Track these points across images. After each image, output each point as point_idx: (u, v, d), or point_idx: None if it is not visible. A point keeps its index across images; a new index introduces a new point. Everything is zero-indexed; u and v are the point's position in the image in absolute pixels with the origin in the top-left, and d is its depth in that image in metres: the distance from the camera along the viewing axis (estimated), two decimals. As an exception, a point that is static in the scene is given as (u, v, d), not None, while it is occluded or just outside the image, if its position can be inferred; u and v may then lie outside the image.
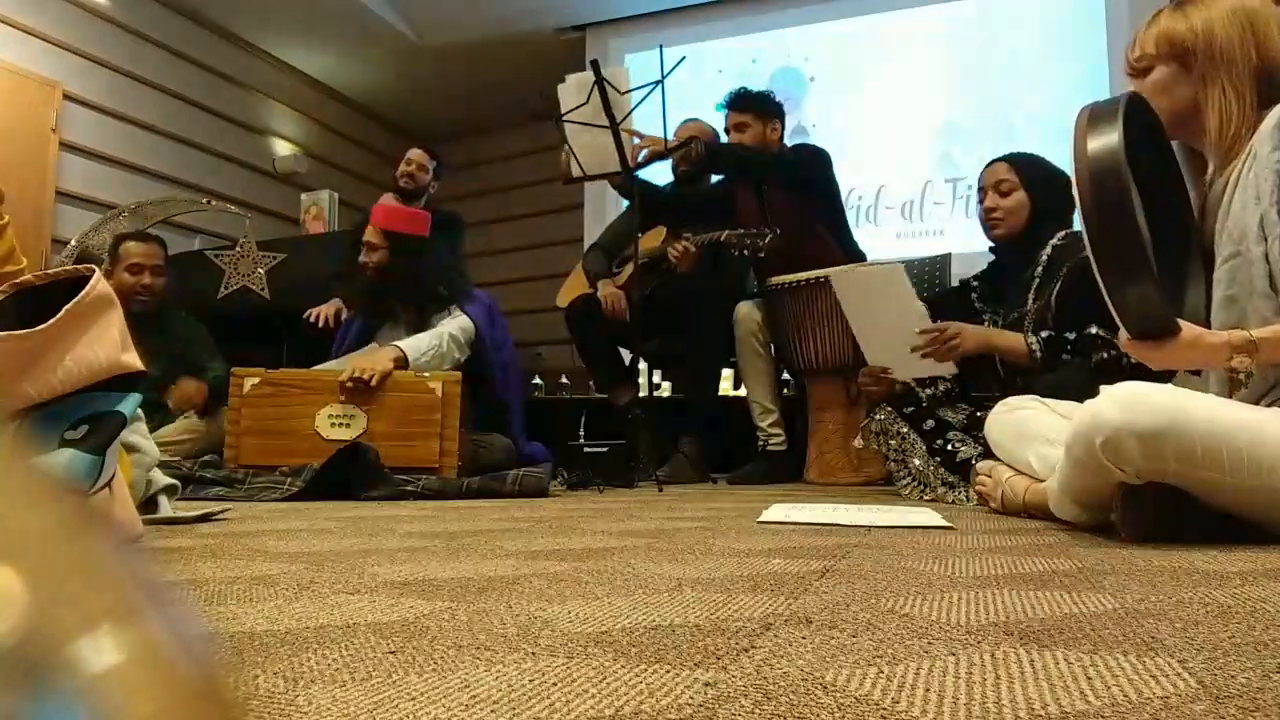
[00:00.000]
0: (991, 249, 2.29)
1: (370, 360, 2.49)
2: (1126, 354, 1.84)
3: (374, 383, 2.41)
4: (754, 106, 3.10)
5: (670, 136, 2.90)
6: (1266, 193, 1.18)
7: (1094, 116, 1.17)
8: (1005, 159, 2.24)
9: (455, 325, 2.69)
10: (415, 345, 2.57)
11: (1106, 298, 1.15)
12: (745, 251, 2.88)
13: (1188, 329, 1.16)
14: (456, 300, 2.78)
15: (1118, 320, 1.17)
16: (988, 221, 2.22)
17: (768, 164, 3.06)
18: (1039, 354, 1.98)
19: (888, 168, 5.17)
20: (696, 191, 3.40)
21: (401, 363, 2.51)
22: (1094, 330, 1.93)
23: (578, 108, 2.75)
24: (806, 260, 2.90)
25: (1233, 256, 1.24)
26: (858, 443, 2.32)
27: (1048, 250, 2.10)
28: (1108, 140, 1.13)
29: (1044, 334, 2.01)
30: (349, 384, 2.41)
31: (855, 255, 3.14)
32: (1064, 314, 1.99)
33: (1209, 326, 1.24)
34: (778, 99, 3.18)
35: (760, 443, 3.03)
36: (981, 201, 2.24)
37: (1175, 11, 1.33)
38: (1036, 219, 2.15)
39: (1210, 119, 1.28)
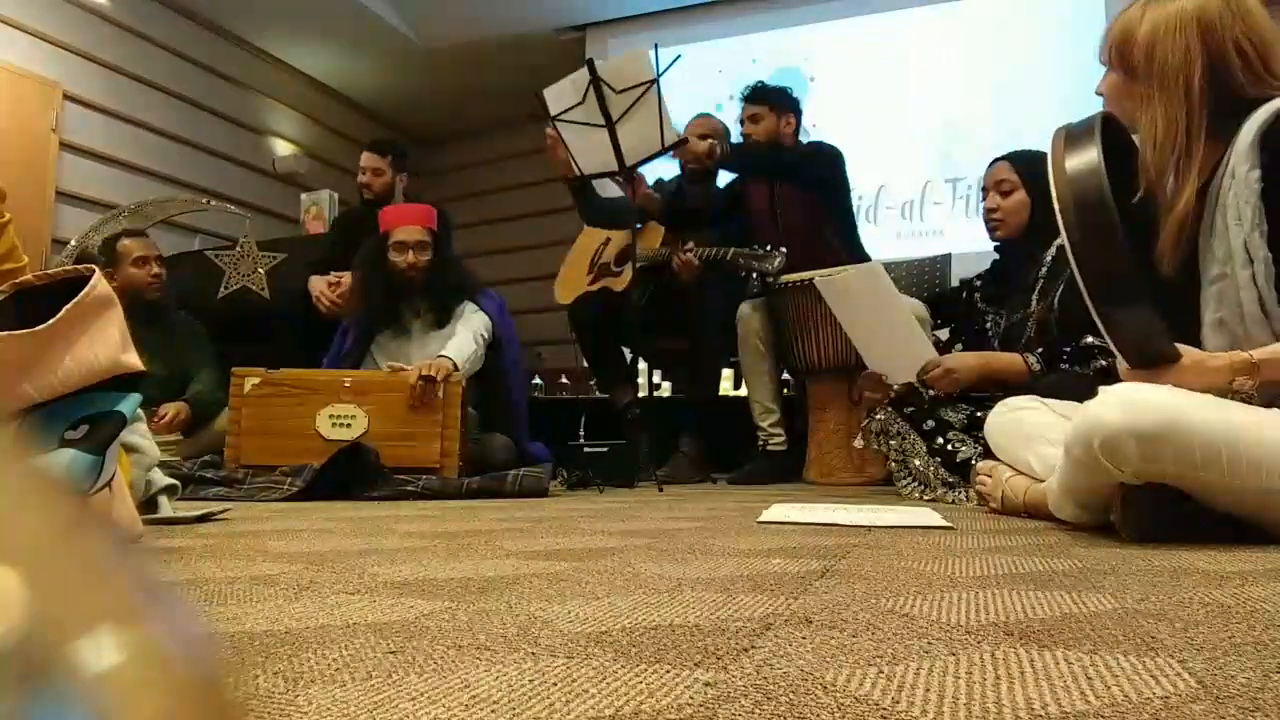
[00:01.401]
0: (996, 249, 2.29)
1: (436, 361, 2.50)
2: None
3: (439, 377, 2.43)
4: (769, 98, 3.12)
5: (680, 131, 2.89)
6: (1248, 216, 1.15)
7: (1070, 136, 1.14)
8: (1007, 158, 2.23)
9: (480, 323, 2.71)
10: (460, 352, 2.58)
11: (1099, 324, 1.12)
12: (753, 275, 2.88)
13: (1188, 353, 1.14)
14: (474, 294, 2.81)
15: (1113, 348, 1.15)
16: (989, 222, 2.21)
17: (792, 164, 3.08)
18: (1039, 369, 1.96)
19: (888, 168, 5.17)
20: (703, 193, 3.39)
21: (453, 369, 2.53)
22: (1090, 340, 1.92)
23: (574, 107, 2.75)
24: (812, 261, 2.90)
25: (1219, 278, 1.21)
26: (858, 443, 2.32)
27: (1052, 251, 2.08)
28: (1088, 159, 1.10)
29: (1039, 350, 2.00)
30: (419, 385, 2.41)
31: (861, 256, 3.14)
32: (1066, 316, 1.98)
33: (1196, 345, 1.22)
34: (794, 95, 3.18)
35: (761, 442, 3.03)
36: (984, 201, 2.24)
37: (1134, 10, 1.29)
38: (1038, 218, 2.13)
39: (1144, 137, 1.26)
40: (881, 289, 2.09)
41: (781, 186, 3.13)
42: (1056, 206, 1.12)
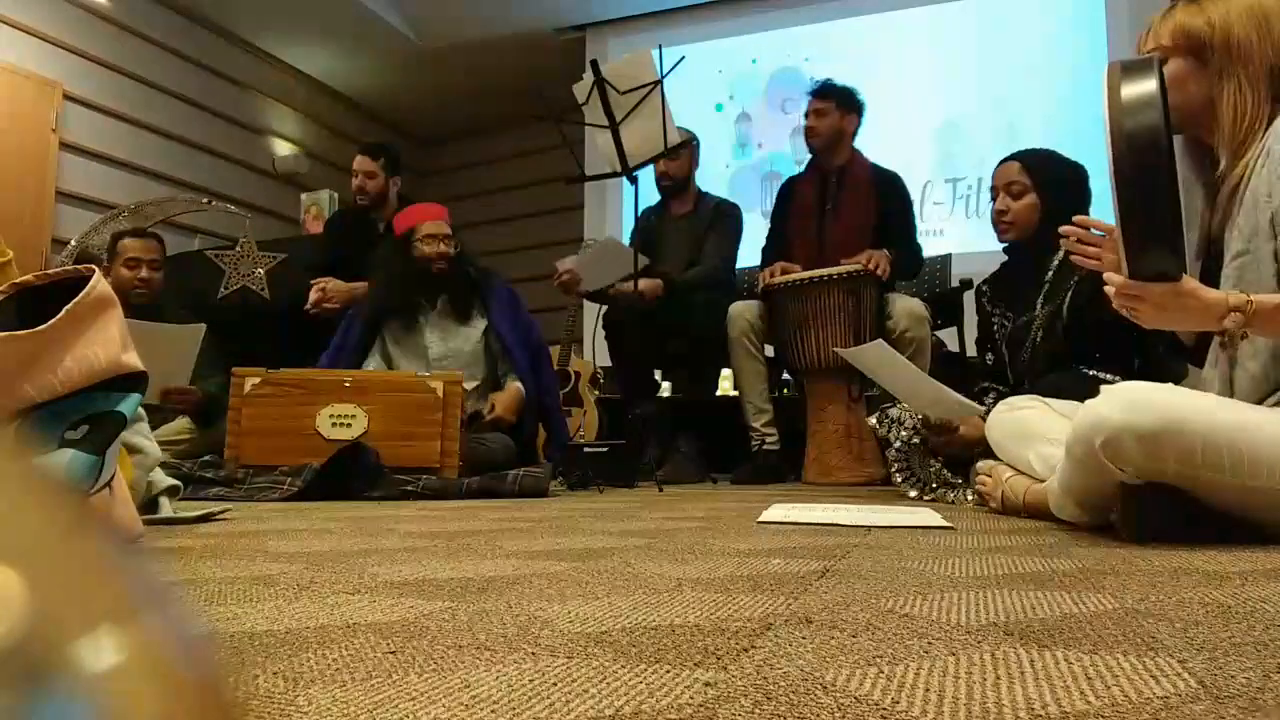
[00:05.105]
0: (1005, 249, 2.25)
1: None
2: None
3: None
4: (835, 95, 3.11)
5: (676, 136, 2.88)
6: (1279, 192, 1.18)
7: (1127, 67, 1.13)
8: (1018, 158, 2.17)
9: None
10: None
11: (1124, 251, 1.13)
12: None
13: (1186, 278, 1.16)
14: (489, 286, 2.90)
15: (1123, 259, 1.16)
16: (998, 224, 2.17)
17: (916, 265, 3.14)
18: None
19: (888, 167, 5.16)
20: (680, 218, 3.42)
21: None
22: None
23: (579, 107, 2.76)
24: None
25: (1242, 254, 1.23)
26: (872, 420, 2.29)
27: (1060, 255, 2.05)
28: (1145, 88, 1.09)
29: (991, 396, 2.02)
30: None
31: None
32: (1078, 321, 1.96)
33: None
34: (860, 97, 3.17)
35: (755, 443, 3.02)
36: (994, 201, 2.19)
37: (1191, 5, 1.32)
38: (1048, 221, 2.07)
39: (1225, 115, 1.27)
40: (889, 359, 2.10)
41: (831, 222, 3.08)
42: (1108, 133, 1.11)
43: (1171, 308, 1.17)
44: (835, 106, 3.09)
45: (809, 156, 3.26)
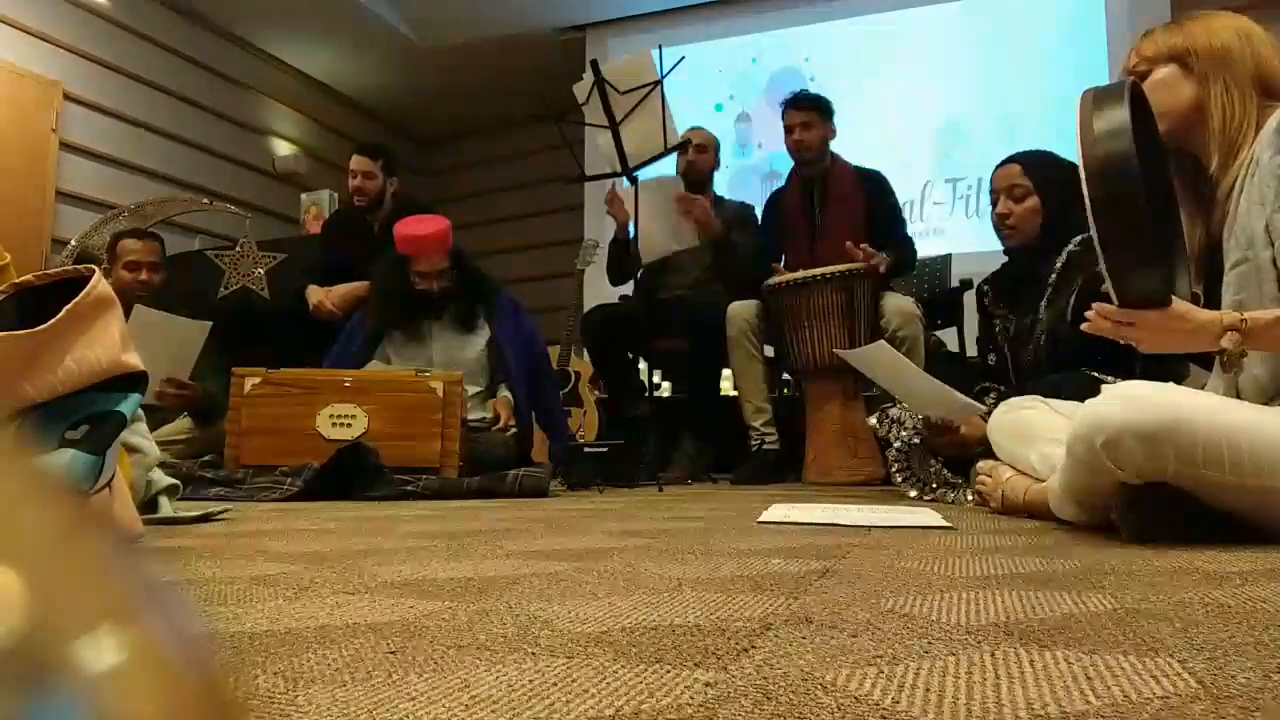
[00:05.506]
0: (1006, 252, 2.22)
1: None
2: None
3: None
4: (817, 106, 3.13)
5: (676, 136, 2.87)
6: (1270, 199, 1.18)
7: (1099, 97, 1.15)
8: (1018, 160, 2.14)
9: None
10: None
11: (1108, 278, 1.14)
12: None
13: (1178, 302, 1.17)
14: (493, 298, 2.89)
15: (1110, 288, 1.16)
16: (1001, 228, 2.13)
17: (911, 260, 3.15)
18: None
19: (888, 168, 5.15)
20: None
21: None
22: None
23: (579, 107, 2.76)
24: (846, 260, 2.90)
25: (1241, 262, 1.24)
26: (871, 420, 2.28)
27: (1063, 257, 2.02)
28: (1116, 119, 1.11)
29: (991, 397, 2.02)
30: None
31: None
32: (1079, 325, 1.96)
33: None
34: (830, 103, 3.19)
35: (755, 443, 3.02)
36: (994, 205, 2.16)
37: (1171, 26, 1.35)
38: (1051, 223, 2.07)
39: (1214, 115, 1.28)
40: (891, 360, 2.10)
41: (825, 212, 3.09)
42: (1081, 164, 1.12)
43: (1166, 331, 1.19)
44: (819, 117, 3.11)
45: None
